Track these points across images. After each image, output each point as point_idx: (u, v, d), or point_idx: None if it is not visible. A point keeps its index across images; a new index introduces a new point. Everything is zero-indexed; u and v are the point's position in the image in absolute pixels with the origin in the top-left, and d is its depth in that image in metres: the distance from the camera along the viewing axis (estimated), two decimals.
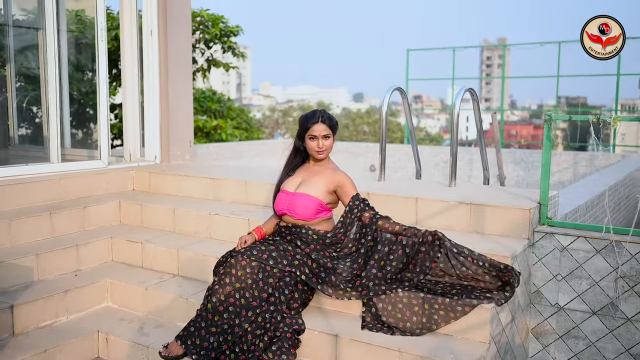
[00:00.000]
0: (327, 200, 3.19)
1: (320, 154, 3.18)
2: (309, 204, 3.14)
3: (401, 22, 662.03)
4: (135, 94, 5.55)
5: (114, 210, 4.57)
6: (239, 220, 4.02)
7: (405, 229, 3.06)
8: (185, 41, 5.60)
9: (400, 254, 3.03)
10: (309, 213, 3.14)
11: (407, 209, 3.77)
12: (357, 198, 3.17)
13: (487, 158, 4.59)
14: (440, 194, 3.87)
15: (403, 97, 4.63)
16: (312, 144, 3.18)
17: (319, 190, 3.16)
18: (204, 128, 14.04)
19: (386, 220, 3.11)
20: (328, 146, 3.19)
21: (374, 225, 3.11)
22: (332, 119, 3.23)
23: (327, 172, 3.22)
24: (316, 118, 3.18)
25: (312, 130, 3.17)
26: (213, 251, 3.83)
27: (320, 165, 3.27)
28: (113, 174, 4.96)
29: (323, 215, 3.19)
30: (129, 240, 4.13)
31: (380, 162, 4.39)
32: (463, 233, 3.56)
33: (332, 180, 3.18)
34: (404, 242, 3.04)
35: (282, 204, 3.22)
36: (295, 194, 3.19)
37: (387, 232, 3.09)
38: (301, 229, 3.16)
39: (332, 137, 3.21)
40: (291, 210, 3.17)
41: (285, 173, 3.34)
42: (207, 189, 4.70)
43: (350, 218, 3.15)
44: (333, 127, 3.21)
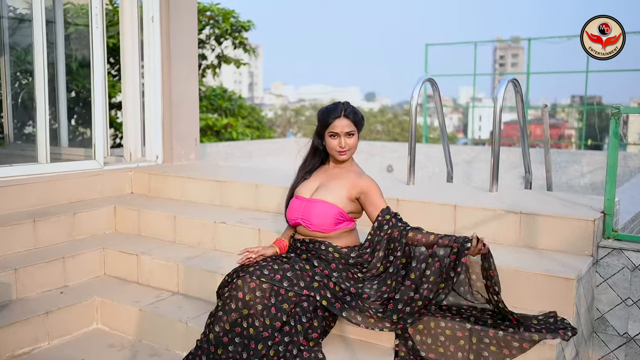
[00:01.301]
0: (348, 208, 2.66)
1: (342, 154, 2.66)
2: (326, 213, 2.61)
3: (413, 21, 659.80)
4: (137, 88, 5.06)
5: (108, 216, 4.07)
6: (247, 229, 3.50)
7: (442, 237, 2.52)
8: (190, 28, 5.10)
9: (437, 267, 2.48)
10: (327, 223, 2.62)
11: (443, 218, 3.24)
12: (388, 212, 2.62)
13: (530, 158, 4.03)
14: (482, 201, 3.32)
15: (434, 89, 4.08)
16: (332, 143, 2.66)
17: (339, 197, 2.64)
18: (214, 126, 13.57)
19: (417, 231, 2.57)
20: (352, 145, 2.67)
21: (404, 238, 2.57)
22: (357, 113, 2.71)
23: (350, 176, 2.70)
24: (338, 111, 2.66)
25: (333, 126, 2.65)
26: (218, 266, 3.32)
27: (341, 168, 2.75)
28: (109, 176, 4.46)
29: (344, 227, 2.66)
30: (123, 252, 3.63)
31: (409, 164, 3.85)
32: (512, 247, 3.02)
33: (355, 185, 2.66)
34: (441, 252, 2.49)
35: (295, 211, 2.70)
36: (310, 200, 2.67)
37: (421, 245, 2.54)
38: (319, 245, 2.64)
39: (357, 135, 2.70)
40: (306, 219, 2.65)
41: (300, 176, 2.82)
42: (213, 193, 4.18)
43: (379, 236, 2.61)
44: (358, 123, 2.69)
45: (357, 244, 2.70)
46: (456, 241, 2.46)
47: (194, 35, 5.11)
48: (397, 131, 42.07)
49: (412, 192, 3.62)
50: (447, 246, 2.48)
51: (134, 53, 5.00)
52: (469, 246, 2.42)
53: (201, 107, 14.44)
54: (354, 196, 2.65)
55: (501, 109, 3.49)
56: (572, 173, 9.75)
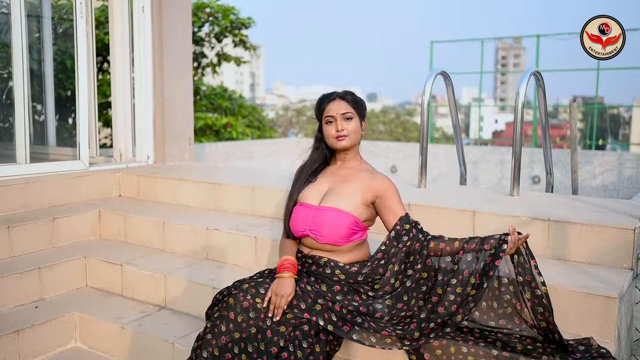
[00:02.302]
0: (363, 215, 2.30)
1: (340, 139, 2.29)
2: (340, 223, 2.24)
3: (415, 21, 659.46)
4: (127, 83, 4.74)
5: (92, 221, 3.74)
6: (243, 237, 3.17)
7: (467, 240, 2.19)
8: (183, 19, 4.77)
9: (466, 275, 2.14)
10: (340, 235, 2.25)
11: (460, 226, 2.90)
12: (408, 220, 2.26)
13: (551, 159, 3.70)
14: (504, 206, 2.99)
15: (447, 83, 3.75)
16: (329, 130, 2.32)
17: (353, 202, 2.27)
18: (213, 126, 13.25)
19: (439, 240, 2.23)
20: (351, 130, 2.30)
21: (425, 250, 2.23)
22: (357, 96, 2.38)
23: (362, 177, 2.33)
24: (333, 95, 2.35)
25: (328, 109, 2.32)
26: (209, 277, 2.99)
27: (350, 167, 2.38)
28: (95, 177, 4.13)
29: (357, 238, 2.30)
30: (107, 261, 3.30)
31: (421, 165, 3.51)
32: (539, 259, 2.66)
33: (371, 187, 2.30)
34: (469, 258, 2.16)
35: (302, 222, 2.31)
36: (320, 208, 2.29)
37: (446, 255, 2.21)
38: (324, 268, 2.28)
39: (358, 120, 2.33)
40: (316, 230, 2.27)
41: (303, 178, 2.42)
42: (207, 196, 3.85)
43: (397, 247, 2.25)
44: (357, 105, 2.34)
45: (367, 257, 2.35)
46: (485, 242, 2.14)
47: (187, 27, 4.79)
48: (400, 131, 41.72)
49: (425, 196, 3.28)
50: (475, 250, 2.15)
51: (124, 46, 4.67)
52: (505, 248, 2.09)
53: (201, 106, 14.12)
54: (369, 200, 2.29)
55: (523, 104, 3.15)
56: (583, 174, 9.40)
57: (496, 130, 56.42)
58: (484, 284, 2.09)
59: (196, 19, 12.76)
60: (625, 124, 32.70)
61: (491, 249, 2.12)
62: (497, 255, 2.10)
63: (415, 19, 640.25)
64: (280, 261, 2.31)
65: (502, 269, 2.19)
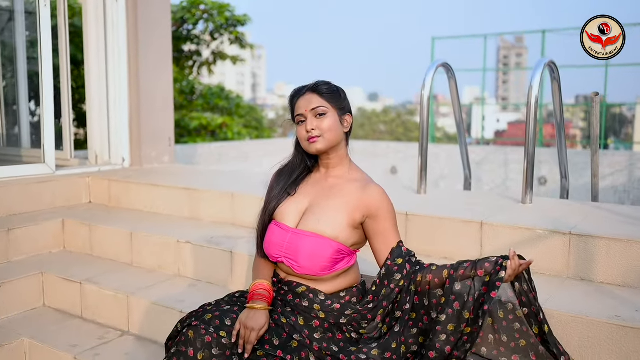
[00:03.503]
0: (351, 240, 1.87)
1: (312, 141, 1.85)
2: (320, 252, 1.82)
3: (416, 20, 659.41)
4: (102, 79, 4.35)
5: (54, 232, 3.35)
6: (217, 251, 2.78)
7: (457, 266, 1.78)
8: (162, 12, 4.38)
9: (457, 308, 1.73)
10: (321, 266, 1.83)
11: (466, 240, 2.51)
12: (400, 253, 1.84)
13: (567, 161, 3.31)
14: (515, 216, 2.59)
15: (450, 77, 3.36)
16: (300, 131, 1.90)
17: (338, 225, 1.84)
18: (208, 126, 12.87)
19: (427, 270, 1.81)
20: (326, 128, 1.85)
21: (412, 284, 1.82)
22: (331, 85, 1.93)
23: (351, 189, 1.89)
24: (303, 89, 1.92)
25: (297, 107, 1.90)
26: (178, 299, 2.60)
27: (337, 176, 1.94)
28: (62, 182, 3.75)
29: (343, 266, 1.88)
30: (65, 279, 2.91)
31: (420, 167, 3.12)
32: (559, 280, 2.29)
33: (360, 203, 1.86)
34: (457, 287, 1.75)
35: (276, 246, 1.90)
36: (297, 232, 1.87)
37: (436, 287, 1.80)
38: (302, 299, 1.87)
39: (336, 114, 1.88)
40: (292, 258, 1.86)
41: (281, 188, 2.00)
42: (182, 204, 3.46)
43: (389, 288, 1.82)
44: (333, 96, 1.89)
45: (356, 282, 1.95)
46: (479, 266, 1.73)
47: (166, 20, 4.41)
48: (401, 131, 41.36)
49: (425, 204, 2.89)
50: (466, 277, 1.74)
51: (99, 36, 4.28)
52: (503, 275, 1.68)
53: (197, 106, 13.77)
54: (357, 221, 1.87)
55: (537, 98, 2.76)
56: (589, 174, 8.97)
57: (498, 129, 56.03)
58: (479, 321, 1.69)
59: (190, 16, 12.41)
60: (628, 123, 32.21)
61: (485, 276, 1.72)
62: (492, 284, 1.69)
63: (417, 18, 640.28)
64: (253, 286, 1.92)
65: (504, 294, 1.80)
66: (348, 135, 1.97)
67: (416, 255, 1.88)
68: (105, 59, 4.28)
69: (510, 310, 1.77)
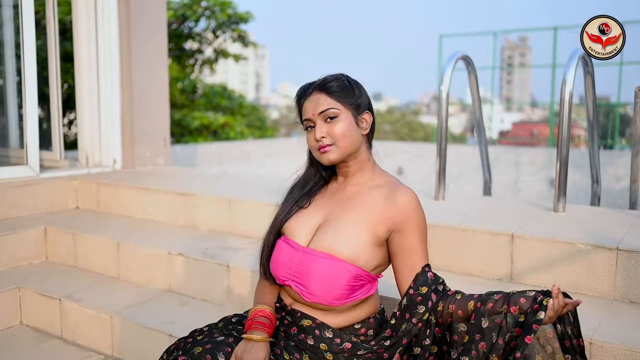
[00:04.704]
0: (374, 261, 1.54)
1: (323, 151, 1.54)
2: (335, 277, 1.49)
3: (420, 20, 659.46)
4: (93, 75, 4.06)
5: (35, 241, 3.06)
6: (213, 265, 2.48)
7: (486, 298, 1.45)
8: (158, 3, 4.08)
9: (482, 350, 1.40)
10: (335, 295, 1.51)
11: (494, 255, 2.21)
12: (425, 280, 1.51)
13: (599, 164, 3.00)
14: (550, 227, 2.29)
15: (470, 71, 3.06)
16: (310, 140, 1.59)
17: (358, 244, 1.51)
18: (210, 126, 12.58)
19: (450, 300, 1.49)
20: (339, 134, 1.52)
21: (432, 315, 1.50)
22: (343, 80, 1.59)
23: (374, 198, 1.56)
24: (310, 88, 1.59)
25: (304, 110, 1.59)
26: (168, 319, 2.31)
27: (357, 184, 1.62)
28: (46, 186, 3.46)
29: (361, 295, 1.55)
30: (45, 295, 2.62)
31: (439, 171, 2.82)
32: (605, 302, 1.98)
33: (386, 213, 1.53)
34: (485, 324, 1.41)
35: (283, 266, 1.58)
36: (309, 252, 1.54)
37: (459, 321, 1.47)
38: (307, 335, 1.55)
39: (350, 114, 1.55)
40: (302, 283, 1.54)
41: (292, 200, 1.68)
42: (176, 210, 3.17)
43: (409, 322, 1.50)
44: (346, 94, 1.56)
45: (374, 312, 1.63)
46: (512, 301, 1.39)
47: (162, 12, 4.11)
48: (405, 131, 41.02)
49: (446, 213, 2.58)
50: (497, 313, 1.41)
51: (89, 29, 3.99)
52: (543, 317, 1.33)
53: (198, 105, 13.49)
54: (382, 236, 1.53)
55: (571, 94, 2.46)
56: (605, 177, 8.66)
57: (502, 130, 55.67)
58: None
59: (191, 13, 12.13)
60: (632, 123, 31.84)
61: (520, 315, 1.38)
62: (528, 326, 1.34)
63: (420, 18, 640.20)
64: (252, 313, 1.60)
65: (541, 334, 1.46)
66: (370, 137, 1.65)
67: (445, 282, 1.55)
68: (96, 54, 3.99)
69: (550, 354, 1.44)
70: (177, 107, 11.95)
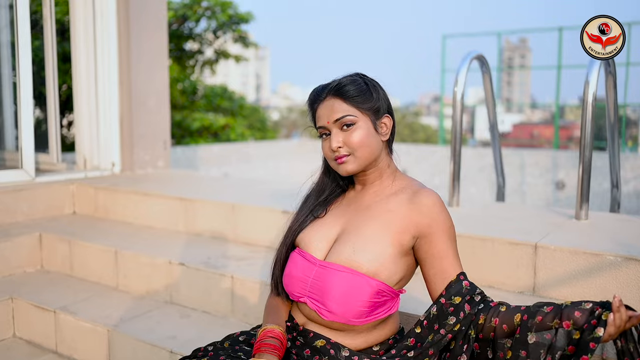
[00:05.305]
0: (398, 274, 1.41)
1: (340, 162, 1.43)
2: (357, 292, 1.37)
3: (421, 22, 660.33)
4: (91, 75, 3.94)
5: (30, 248, 2.93)
6: (216, 275, 2.35)
7: (534, 310, 1.29)
8: (158, 2, 3.96)
9: None
10: (355, 312, 1.38)
11: (516, 266, 2.08)
12: (459, 289, 1.36)
13: (619, 168, 2.87)
14: (575, 237, 2.15)
15: (484, 71, 2.93)
16: (325, 149, 1.47)
17: (381, 255, 1.38)
18: (210, 127, 12.45)
19: (494, 312, 1.34)
20: (357, 143, 1.40)
21: (472, 329, 1.34)
22: (359, 83, 1.44)
23: (396, 203, 1.43)
24: (323, 93, 1.45)
25: (318, 116, 1.46)
26: (169, 334, 2.17)
27: (377, 191, 1.49)
28: (41, 191, 3.33)
29: (383, 314, 1.42)
30: (38, 306, 2.49)
31: (453, 175, 2.68)
32: None
33: (409, 219, 1.40)
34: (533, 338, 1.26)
35: (298, 282, 1.46)
36: (327, 266, 1.41)
37: (503, 336, 1.32)
38: (321, 356, 1.41)
39: (368, 120, 1.42)
40: (318, 300, 1.42)
41: (307, 209, 1.56)
42: (177, 216, 3.04)
43: (439, 334, 1.36)
44: (363, 98, 1.42)
45: (394, 332, 1.50)
46: (565, 315, 1.24)
47: (162, 11, 3.98)
48: (406, 133, 40.88)
49: (461, 220, 2.44)
50: (547, 328, 1.26)
51: (87, 29, 3.87)
52: (602, 334, 1.18)
53: (199, 106, 13.37)
54: (407, 245, 1.41)
55: (594, 96, 2.33)
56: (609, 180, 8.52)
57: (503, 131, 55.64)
58: None
59: (192, 13, 12.01)
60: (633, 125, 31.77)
61: (574, 331, 1.23)
62: (585, 345, 1.19)
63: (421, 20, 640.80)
64: (261, 333, 1.46)
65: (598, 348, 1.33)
66: (390, 142, 1.52)
67: (484, 293, 1.39)
68: (94, 53, 3.87)
69: None
70: (177, 109, 11.83)
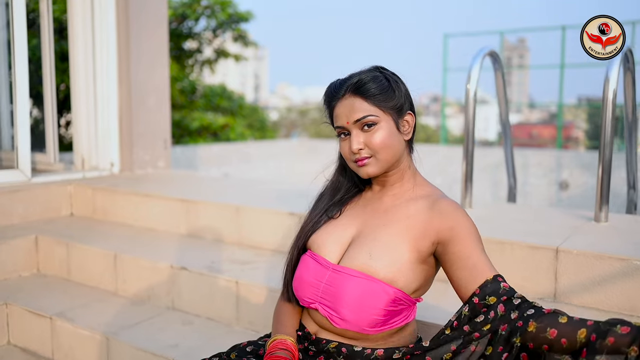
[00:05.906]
0: (416, 282, 1.32)
1: (361, 164, 1.34)
2: (372, 300, 1.28)
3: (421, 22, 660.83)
4: (90, 73, 3.83)
5: (25, 251, 2.82)
6: (220, 280, 2.25)
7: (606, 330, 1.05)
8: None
9: None
10: (370, 321, 1.29)
11: (535, 271, 1.98)
12: (497, 289, 1.22)
13: (636, 168, 2.78)
14: (597, 240, 2.06)
15: (497, 68, 2.83)
16: (343, 148, 1.38)
17: (398, 261, 1.30)
18: (210, 127, 12.35)
19: (550, 321, 1.13)
20: (378, 144, 1.31)
21: (516, 336, 1.17)
22: (380, 80, 1.34)
23: (416, 209, 1.35)
24: (341, 90, 1.35)
25: (336, 115, 1.37)
26: (171, 342, 2.07)
27: (397, 194, 1.40)
28: (39, 191, 3.22)
29: (399, 323, 1.33)
30: (35, 312, 2.38)
31: (465, 176, 2.58)
32: None
33: (429, 225, 1.31)
34: None
35: (310, 287, 1.37)
36: (341, 270, 1.33)
37: (561, 351, 1.11)
38: (334, 357, 1.33)
39: (390, 118, 1.33)
40: (331, 307, 1.33)
41: (320, 209, 1.47)
42: (178, 218, 2.93)
43: (468, 336, 1.23)
44: (384, 97, 1.33)
45: (411, 342, 1.40)
46: None
47: (163, 6, 3.88)
48: None
49: (476, 223, 2.35)
50: (621, 353, 1.02)
51: (86, 24, 3.76)
52: None
53: (198, 106, 13.27)
54: (426, 252, 1.31)
55: (615, 93, 2.23)
56: (617, 180, 8.42)
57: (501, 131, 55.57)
58: None
59: (191, 12, 11.90)
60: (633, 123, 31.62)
61: None
62: None
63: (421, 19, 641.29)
64: (271, 345, 1.37)
65: None
66: (411, 142, 1.43)
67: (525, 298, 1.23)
68: (92, 50, 3.76)
69: None
70: (176, 108, 11.73)
